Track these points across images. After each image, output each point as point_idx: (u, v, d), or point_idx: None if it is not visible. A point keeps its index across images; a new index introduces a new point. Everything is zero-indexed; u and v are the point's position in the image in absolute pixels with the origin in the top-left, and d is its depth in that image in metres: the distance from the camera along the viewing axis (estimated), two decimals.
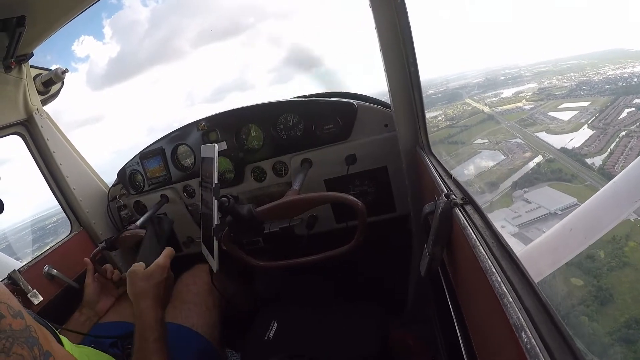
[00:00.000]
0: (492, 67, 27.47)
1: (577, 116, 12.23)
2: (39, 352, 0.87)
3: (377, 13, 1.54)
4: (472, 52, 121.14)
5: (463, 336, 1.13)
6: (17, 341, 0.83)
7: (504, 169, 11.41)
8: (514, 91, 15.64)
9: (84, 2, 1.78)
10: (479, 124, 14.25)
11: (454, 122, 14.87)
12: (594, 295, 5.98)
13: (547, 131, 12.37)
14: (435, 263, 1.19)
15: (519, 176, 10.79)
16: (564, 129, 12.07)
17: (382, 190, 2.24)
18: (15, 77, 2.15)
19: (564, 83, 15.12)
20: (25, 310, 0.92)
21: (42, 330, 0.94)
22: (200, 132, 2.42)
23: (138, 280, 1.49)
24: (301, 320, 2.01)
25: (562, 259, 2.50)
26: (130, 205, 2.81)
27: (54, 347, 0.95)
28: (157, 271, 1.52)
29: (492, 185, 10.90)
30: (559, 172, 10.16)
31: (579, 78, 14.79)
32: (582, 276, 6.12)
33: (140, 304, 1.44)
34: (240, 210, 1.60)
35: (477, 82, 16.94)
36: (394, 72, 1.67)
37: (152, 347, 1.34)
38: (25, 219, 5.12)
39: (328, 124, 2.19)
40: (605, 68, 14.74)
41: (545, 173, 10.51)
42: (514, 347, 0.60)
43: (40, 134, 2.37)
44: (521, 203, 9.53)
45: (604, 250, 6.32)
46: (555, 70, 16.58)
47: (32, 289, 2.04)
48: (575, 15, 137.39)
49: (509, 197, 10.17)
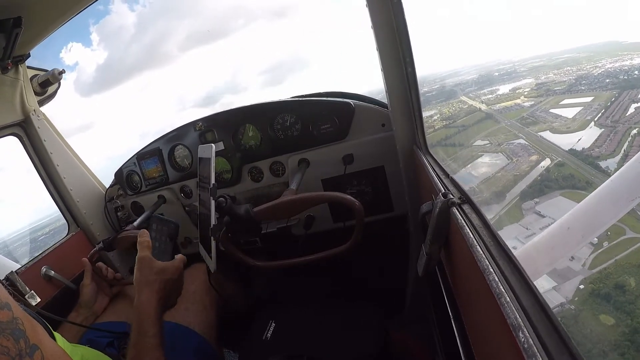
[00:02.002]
0: (485, 62, 27.24)
1: (582, 113, 11.85)
2: (24, 345, 0.85)
3: (373, 13, 1.54)
4: (463, 48, 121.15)
5: (461, 336, 1.14)
6: (2, 333, 0.82)
7: (510, 175, 10.96)
8: (510, 87, 15.40)
9: (80, 3, 1.78)
10: (477, 124, 13.94)
11: (450, 122, 14.61)
12: (628, 340, 5.45)
13: (552, 130, 11.99)
14: (432, 262, 1.19)
15: (527, 183, 10.29)
16: (569, 128, 11.69)
17: (379, 190, 2.24)
18: (12, 78, 2.14)
19: (562, 77, 14.89)
20: (15, 303, 0.90)
21: (31, 323, 0.91)
22: (197, 132, 2.42)
23: (148, 269, 1.43)
24: (299, 320, 2.01)
25: (559, 257, 2.50)
26: (128, 206, 2.80)
27: (43, 340, 0.92)
28: (170, 269, 1.46)
29: (497, 195, 10.37)
30: (572, 178, 9.73)
31: (577, 72, 14.58)
32: (612, 312, 5.73)
33: (143, 294, 1.37)
34: (237, 210, 1.61)
35: (471, 79, 16.75)
36: (391, 72, 1.67)
37: (149, 343, 1.27)
38: (13, 232, 4.95)
39: (325, 123, 2.19)
40: (603, 61, 14.51)
41: (557, 180, 9.98)
42: (512, 346, 0.60)
43: (37, 134, 2.36)
44: (533, 217, 9.11)
45: (635, 278, 5.95)
46: (551, 65, 16.38)
47: (29, 290, 2.03)
48: (566, 7, 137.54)
49: (517, 209, 9.71)
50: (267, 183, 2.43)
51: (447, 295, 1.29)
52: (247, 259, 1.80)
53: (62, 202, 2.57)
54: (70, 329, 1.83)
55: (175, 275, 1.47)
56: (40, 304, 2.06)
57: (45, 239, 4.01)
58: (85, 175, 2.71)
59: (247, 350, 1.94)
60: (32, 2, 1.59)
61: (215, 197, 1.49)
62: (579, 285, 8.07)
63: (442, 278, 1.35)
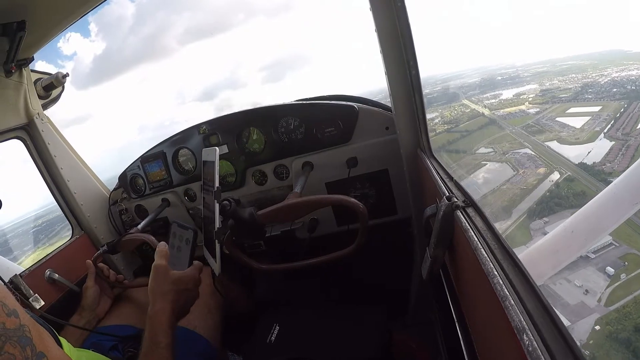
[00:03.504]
0: (487, 66, 26.93)
1: (590, 123, 11.35)
2: (31, 352, 0.86)
3: (377, 16, 1.55)
4: (465, 50, 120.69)
5: (465, 338, 1.14)
6: (9, 340, 0.82)
7: (516, 188, 10.37)
8: (514, 92, 15.12)
9: (84, 6, 1.79)
10: (480, 130, 13.51)
11: (452, 126, 14.30)
12: None
13: (559, 140, 11.44)
14: (436, 266, 1.19)
15: (535, 199, 9.66)
16: (578, 139, 11.14)
17: (383, 193, 2.24)
18: (16, 82, 2.15)
19: (567, 85, 14.60)
20: (22, 310, 0.91)
21: (37, 330, 0.92)
22: (201, 135, 2.42)
23: (163, 279, 1.40)
24: (303, 323, 2.01)
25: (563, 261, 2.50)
26: (132, 209, 2.81)
27: (49, 347, 0.93)
28: (185, 279, 1.43)
29: (503, 210, 9.68)
30: (583, 196, 9.15)
31: (583, 80, 14.28)
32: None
33: (157, 304, 1.34)
34: (241, 213, 1.61)
35: (473, 82, 16.50)
36: (395, 75, 1.67)
37: (162, 354, 1.24)
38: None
39: (329, 127, 2.20)
40: (608, 70, 14.22)
41: (567, 197, 9.37)
42: (516, 349, 0.60)
43: (41, 138, 2.38)
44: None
45: None
46: (555, 71, 16.12)
47: (33, 293, 2.03)
48: (568, 14, 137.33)
49: (525, 229, 9.13)
50: (271, 186, 2.43)
51: (451, 298, 1.29)
52: (251, 262, 1.80)
53: (66, 206, 2.58)
54: (73, 332, 1.83)
55: (191, 285, 1.45)
56: (44, 307, 2.06)
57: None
58: (89, 179, 2.71)
59: (251, 353, 1.94)
60: (35, 6, 1.60)
61: (219, 200, 1.49)
62: (594, 325, 7.64)
63: (446, 281, 1.35)
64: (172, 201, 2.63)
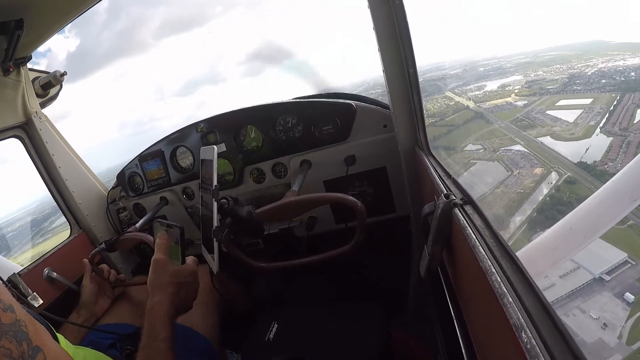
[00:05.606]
0: (468, 57, 26.44)
1: (583, 117, 10.77)
2: (27, 347, 0.86)
3: (375, 14, 1.54)
4: (445, 41, 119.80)
5: (463, 336, 1.14)
6: (5, 335, 0.82)
7: (512, 192, 9.37)
8: (499, 84, 14.53)
9: (82, 5, 1.78)
10: (466, 124, 12.74)
11: (436, 120, 13.77)
12: None
13: (553, 136, 10.73)
14: (435, 263, 1.19)
15: (534, 206, 8.61)
16: (573, 134, 10.71)
17: (381, 191, 2.24)
18: (14, 80, 2.15)
19: (553, 76, 14.25)
20: (18, 305, 0.90)
21: (34, 325, 0.92)
22: (199, 133, 2.42)
23: (163, 272, 1.39)
24: (301, 321, 2.01)
25: (562, 258, 2.50)
26: (130, 208, 2.81)
27: (46, 342, 0.93)
28: (183, 272, 1.43)
29: (498, 220, 8.25)
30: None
31: (569, 70, 13.93)
32: None
33: (155, 296, 1.33)
34: (240, 211, 1.60)
35: (455, 74, 16.15)
36: (393, 73, 1.67)
37: (160, 347, 1.22)
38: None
39: (327, 125, 2.19)
40: (594, 60, 13.86)
41: (570, 203, 8.20)
42: (514, 347, 0.60)
43: (39, 136, 2.37)
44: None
45: None
46: (539, 62, 15.74)
47: (32, 292, 2.03)
48: (546, 5, 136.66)
49: (527, 241, 7.40)
50: (269, 184, 2.43)
51: (450, 296, 1.29)
52: (250, 260, 1.79)
53: (64, 204, 2.57)
54: (72, 330, 1.83)
55: (190, 278, 1.44)
56: (43, 305, 2.06)
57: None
58: (88, 177, 2.71)
59: (250, 351, 1.94)
60: (33, 4, 1.60)
61: (217, 198, 1.49)
62: None
63: (444, 278, 1.34)
64: (170, 199, 2.63)
